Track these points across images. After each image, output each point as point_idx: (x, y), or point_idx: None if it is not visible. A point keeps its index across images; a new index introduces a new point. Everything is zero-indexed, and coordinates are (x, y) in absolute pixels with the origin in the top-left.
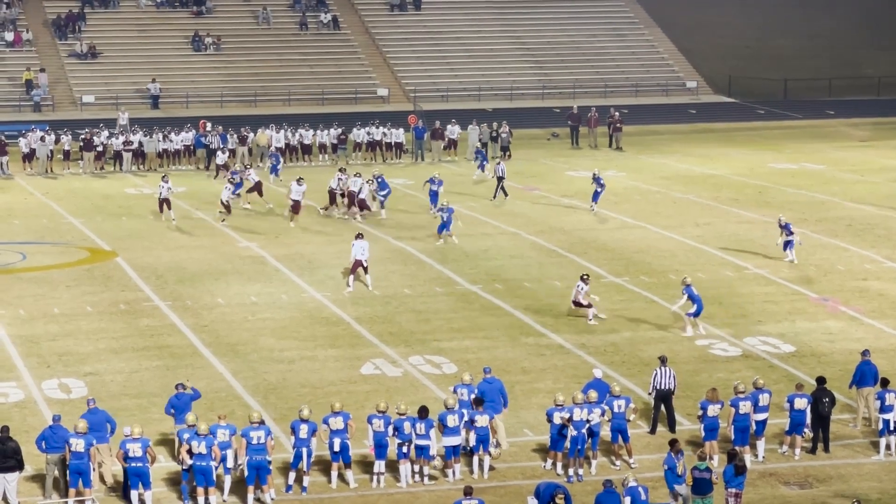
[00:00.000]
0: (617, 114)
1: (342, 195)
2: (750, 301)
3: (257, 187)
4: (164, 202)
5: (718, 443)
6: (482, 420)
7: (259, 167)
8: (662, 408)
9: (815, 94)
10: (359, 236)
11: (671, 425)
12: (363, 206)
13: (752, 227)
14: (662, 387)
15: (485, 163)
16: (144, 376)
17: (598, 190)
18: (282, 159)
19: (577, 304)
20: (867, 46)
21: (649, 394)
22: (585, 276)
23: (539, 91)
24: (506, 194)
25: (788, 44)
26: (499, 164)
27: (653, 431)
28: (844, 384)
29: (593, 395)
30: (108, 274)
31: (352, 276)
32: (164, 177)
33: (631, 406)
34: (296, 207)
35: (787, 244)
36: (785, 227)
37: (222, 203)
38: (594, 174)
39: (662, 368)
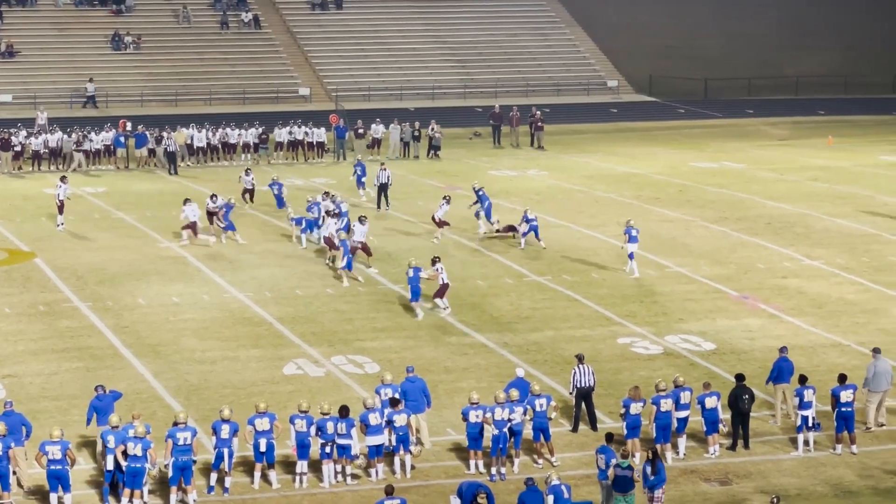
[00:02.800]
0: (538, 113)
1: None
2: (671, 299)
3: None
4: (61, 207)
5: (640, 440)
6: (401, 419)
7: (188, 165)
8: (584, 406)
9: (735, 93)
10: (361, 219)
11: (592, 423)
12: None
13: (673, 226)
14: (582, 385)
15: (363, 177)
16: (64, 378)
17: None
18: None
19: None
20: (787, 47)
21: (570, 393)
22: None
23: (461, 90)
24: (388, 204)
25: (709, 44)
26: (384, 170)
27: (575, 430)
28: (763, 381)
29: (515, 393)
30: (27, 275)
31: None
32: (62, 177)
33: (552, 404)
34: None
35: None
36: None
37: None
38: (475, 188)
39: (581, 366)
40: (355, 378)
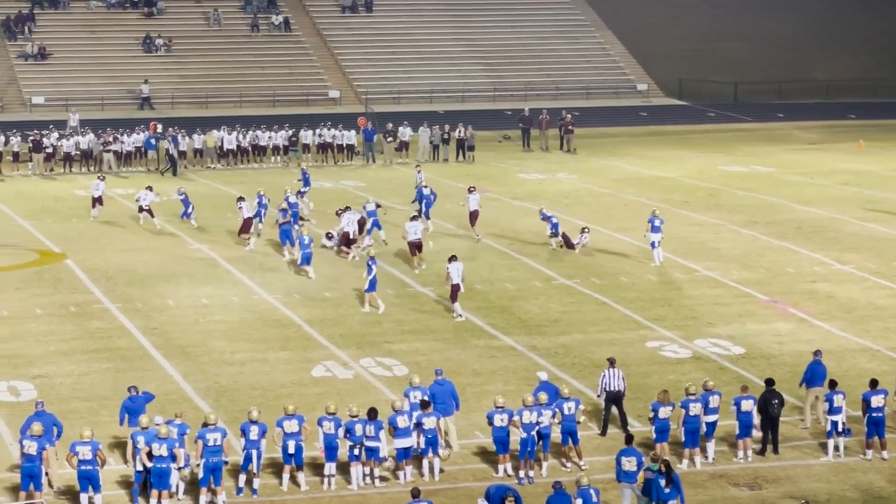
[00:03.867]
0: (569, 116)
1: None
2: (700, 303)
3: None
4: (98, 200)
5: (669, 444)
6: (430, 422)
7: (210, 168)
8: (614, 409)
9: (765, 97)
10: (413, 218)
11: (624, 426)
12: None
13: (702, 230)
14: (612, 388)
15: (306, 188)
16: (94, 379)
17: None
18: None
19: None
20: (817, 50)
21: (598, 396)
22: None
23: (491, 93)
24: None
25: (739, 47)
26: (419, 172)
27: (604, 433)
28: (793, 385)
29: (543, 397)
30: (57, 276)
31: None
32: (100, 176)
33: (581, 408)
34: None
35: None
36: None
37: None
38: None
39: (611, 370)
40: (384, 380)
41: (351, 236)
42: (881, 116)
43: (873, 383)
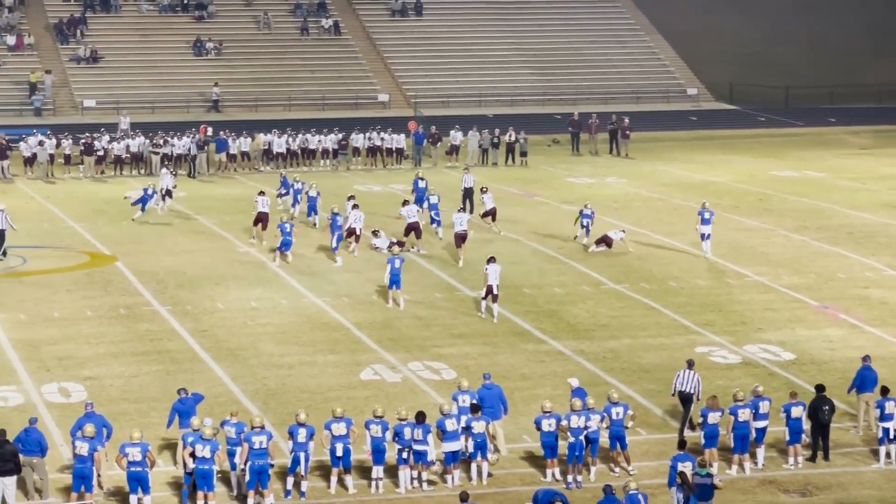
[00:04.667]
0: (626, 121)
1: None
2: (750, 308)
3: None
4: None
5: (718, 450)
6: (479, 426)
7: (259, 171)
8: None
9: (816, 101)
10: (460, 210)
11: (682, 429)
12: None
13: (752, 235)
14: (682, 389)
15: (287, 196)
16: (144, 381)
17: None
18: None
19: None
20: (869, 54)
21: (672, 395)
22: None
23: (540, 97)
24: (471, 209)
25: (790, 51)
26: (468, 174)
27: (692, 429)
28: (844, 392)
29: (590, 401)
30: (108, 278)
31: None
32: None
33: (629, 413)
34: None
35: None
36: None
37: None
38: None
39: (687, 372)
40: (432, 384)
41: (357, 232)
42: None
43: None
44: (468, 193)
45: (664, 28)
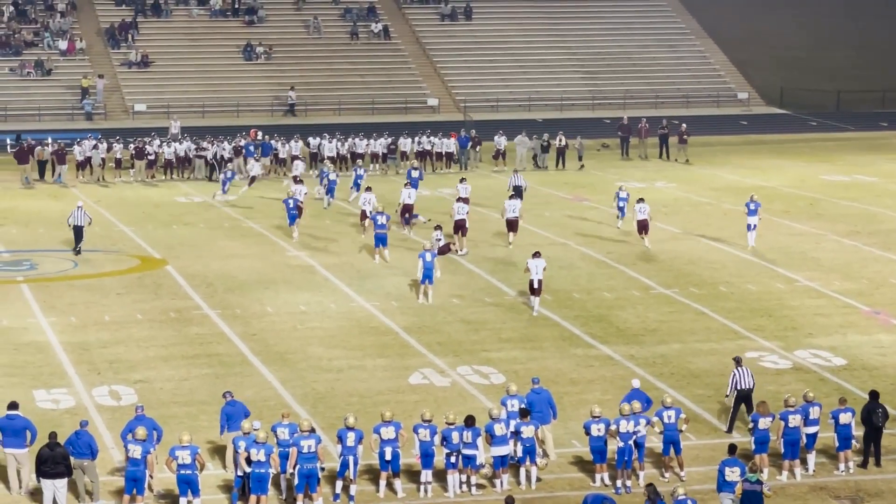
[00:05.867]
0: (684, 126)
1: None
2: (800, 314)
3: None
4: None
5: (769, 456)
6: (528, 431)
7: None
8: (742, 408)
9: (868, 105)
10: (511, 197)
11: (731, 422)
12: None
13: (803, 240)
14: (742, 387)
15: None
16: (194, 384)
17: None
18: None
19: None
20: None
21: (727, 395)
22: None
23: (589, 101)
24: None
25: (841, 55)
26: (517, 175)
27: (729, 431)
28: (894, 398)
29: (637, 405)
30: (158, 282)
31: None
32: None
33: (682, 417)
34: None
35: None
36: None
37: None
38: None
39: (740, 369)
40: (480, 388)
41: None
42: None
43: None
44: (518, 191)
45: (714, 32)
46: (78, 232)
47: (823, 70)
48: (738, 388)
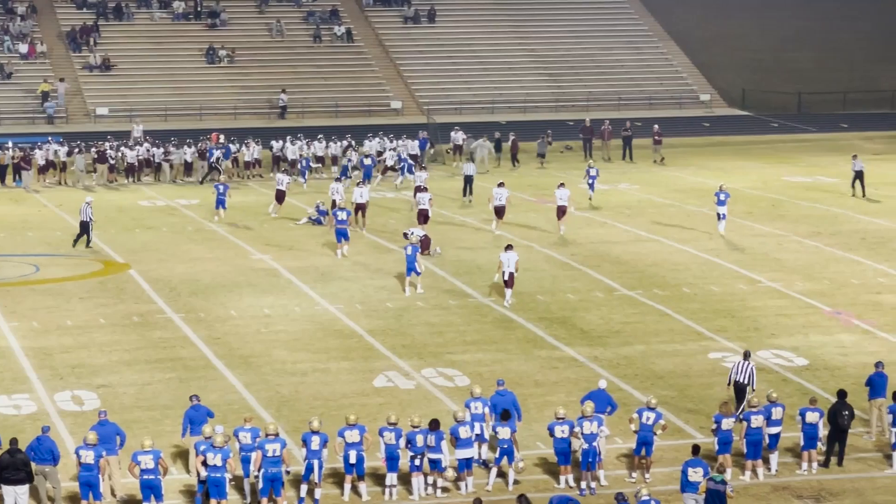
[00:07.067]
0: (657, 126)
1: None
2: (763, 314)
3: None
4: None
5: (732, 456)
6: (504, 432)
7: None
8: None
9: (829, 107)
10: (500, 185)
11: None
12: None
13: (765, 241)
14: (737, 379)
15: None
16: (157, 388)
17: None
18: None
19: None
20: (882, 60)
21: (728, 385)
22: None
23: (553, 104)
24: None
25: (803, 57)
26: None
27: (737, 420)
28: (857, 398)
29: (589, 407)
30: (121, 286)
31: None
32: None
33: (660, 422)
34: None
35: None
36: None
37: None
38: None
39: (741, 363)
40: (445, 391)
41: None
42: None
43: None
44: (468, 180)
45: (677, 34)
46: (84, 227)
47: (785, 72)
48: (735, 379)
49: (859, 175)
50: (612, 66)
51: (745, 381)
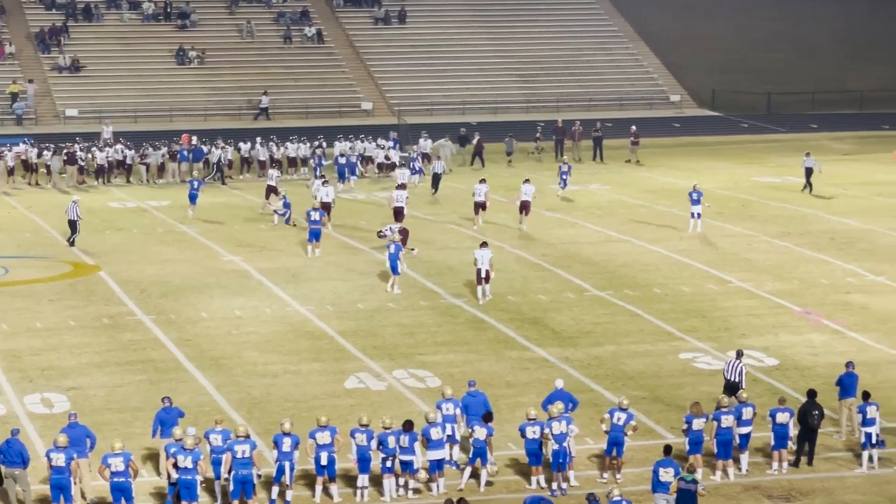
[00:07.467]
0: (634, 127)
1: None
2: (733, 314)
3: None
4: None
5: (703, 456)
6: (480, 432)
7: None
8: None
9: (798, 108)
10: (482, 181)
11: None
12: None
13: (735, 241)
14: (727, 377)
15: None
16: (128, 390)
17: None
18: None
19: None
20: (850, 60)
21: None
22: None
23: (524, 105)
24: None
25: (772, 57)
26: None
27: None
28: (827, 397)
29: (560, 406)
30: (91, 288)
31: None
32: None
33: (631, 423)
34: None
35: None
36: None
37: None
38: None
39: (733, 361)
40: (416, 392)
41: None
42: None
43: None
44: (436, 179)
45: (647, 35)
46: (72, 225)
47: (755, 72)
48: (726, 377)
49: (809, 172)
50: (582, 67)
51: (737, 380)
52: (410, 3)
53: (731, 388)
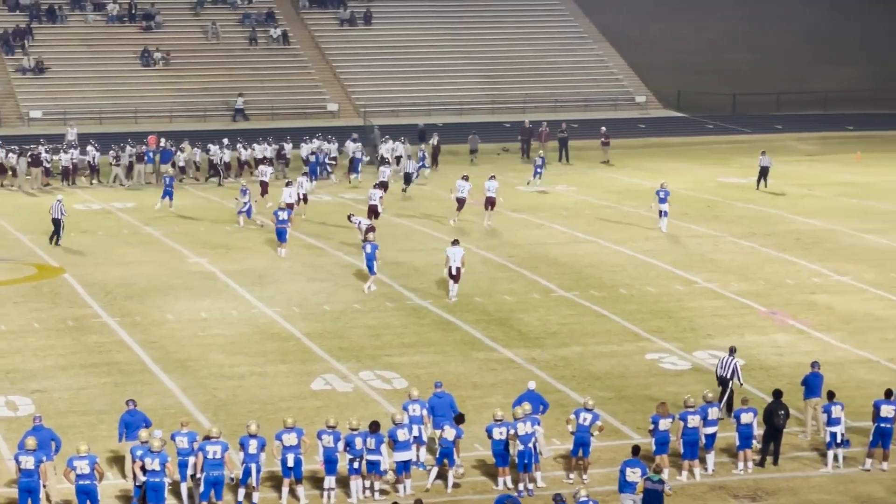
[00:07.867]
0: (604, 128)
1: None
2: (699, 315)
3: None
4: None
5: (669, 456)
6: (449, 433)
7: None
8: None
9: (763, 108)
10: (464, 178)
11: (728, 406)
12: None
13: (701, 242)
14: (719, 374)
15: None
16: (93, 393)
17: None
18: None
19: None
20: (815, 62)
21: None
22: None
23: (489, 106)
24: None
25: (738, 58)
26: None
27: (729, 414)
28: (793, 397)
29: (528, 406)
30: (56, 290)
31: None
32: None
33: (597, 423)
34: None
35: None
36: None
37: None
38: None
39: (726, 357)
40: (383, 393)
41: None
42: (879, 128)
43: (888, 393)
44: (407, 178)
45: (612, 36)
46: (56, 224)
47: (720, 73)
48: (719, 374)
49: (764, 170)
50: (547, 68)
51: (729, 376)
52: (376, 4)
53: (723, 384)
